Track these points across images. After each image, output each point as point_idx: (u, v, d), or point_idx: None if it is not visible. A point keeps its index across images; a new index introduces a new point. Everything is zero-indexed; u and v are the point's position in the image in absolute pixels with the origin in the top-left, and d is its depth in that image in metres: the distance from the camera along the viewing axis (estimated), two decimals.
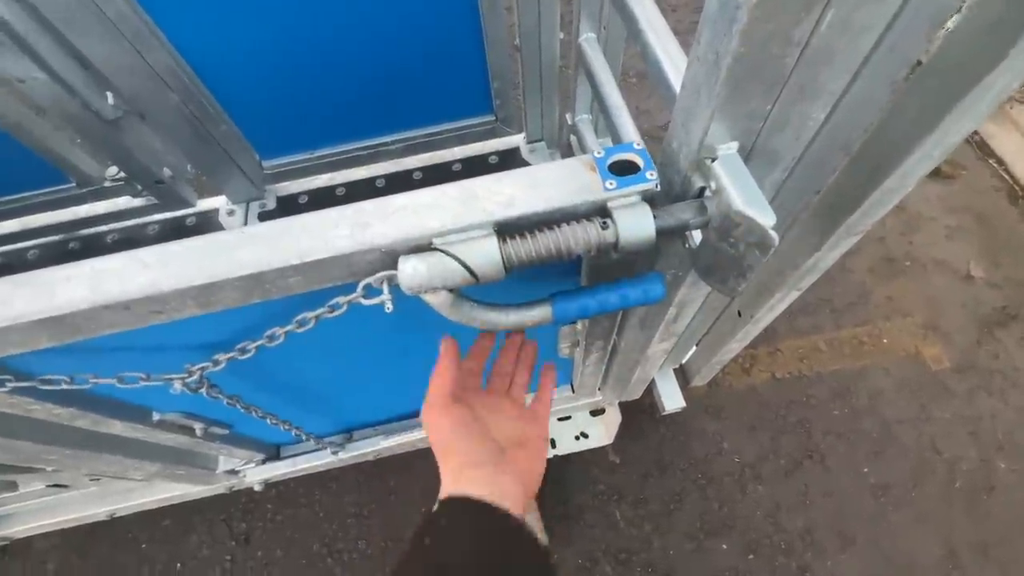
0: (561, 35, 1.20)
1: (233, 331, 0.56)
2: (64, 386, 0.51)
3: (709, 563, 1.32)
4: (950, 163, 1.81)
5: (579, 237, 0.43)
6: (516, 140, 1.44)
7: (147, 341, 0.56)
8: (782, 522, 1.35)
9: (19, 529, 1.18)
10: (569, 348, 0.91)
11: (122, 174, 1.29)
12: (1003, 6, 0.38)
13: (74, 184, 1.32)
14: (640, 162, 0.44)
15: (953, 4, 0.37)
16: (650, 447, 1.42)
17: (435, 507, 0.45)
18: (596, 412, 1.30)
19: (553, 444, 1.26)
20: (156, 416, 0.75)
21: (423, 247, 0.45)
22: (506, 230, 0.44)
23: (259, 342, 0.51)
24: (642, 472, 1.39)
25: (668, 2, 2.23)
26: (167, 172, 1.31)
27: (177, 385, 0.55)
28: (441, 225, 0.44)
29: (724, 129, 0.39)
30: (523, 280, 0.50)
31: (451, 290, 0.46)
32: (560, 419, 1.28)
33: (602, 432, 1.27)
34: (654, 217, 0.43)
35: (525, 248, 0.43)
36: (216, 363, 0.54)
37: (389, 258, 0.45)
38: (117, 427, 0.70)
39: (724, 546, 1.34)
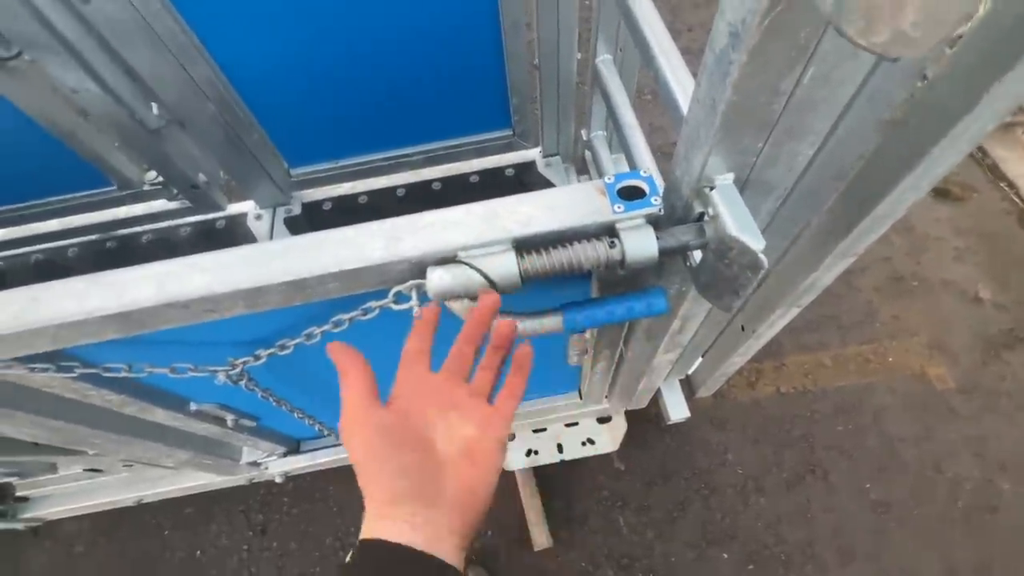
0: (579, 55, 1.25)
1: (272, 330, 0.61)
2: (123, 374, 0.57)
3: (710, 571, 1.35)
4: (961, 185, 1.83)
5: (589, 254, 0.48)
6: (532, 154, 1.49)
7: (196, 336, 0.62)
8: (783, 534, 1.37)
9: (53, 511, 1.25)
10: (578, 356, 0.95)
11: (160, 179, 1.37)
12: (976, 59, 0.42)
13: (115, 187, 1.40)
14: (646, 188, 0.49)
15: (923, 64, 0.41)
16: (655, 456, 1.45)
17: (350, 554, 0.37)
18: (603, 419, 1.34)
19: (560, 449, 1.30)
20: (193, 406, 0.81)
21: (448, 259, 0.50)
22: (523, 246, 0.49)
23: (297, 340, 0.57)
24: (646, 480, 1.43)
25: (684, 22, 2.29)
26: (202, 178, 1.38)
27: (221, 376, 0.60)
28: (465, 240, 0.49)
29: (721, 162, 0.43)
30: (539, 291, 0.54)
31: (472, 298, 0.51)
32: (567, 425, 1.32)
33: (608, 439, 1.31)
34: (657, 238, 0.47)
35: (540, 263, 0.48)
36: (257, 358, 0.59)
37: (418, 268, 0.50)
38: (159, 415, 0.76)
39: (725, 555, 1.36)
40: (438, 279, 0.48)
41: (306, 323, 0.57)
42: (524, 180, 1.47)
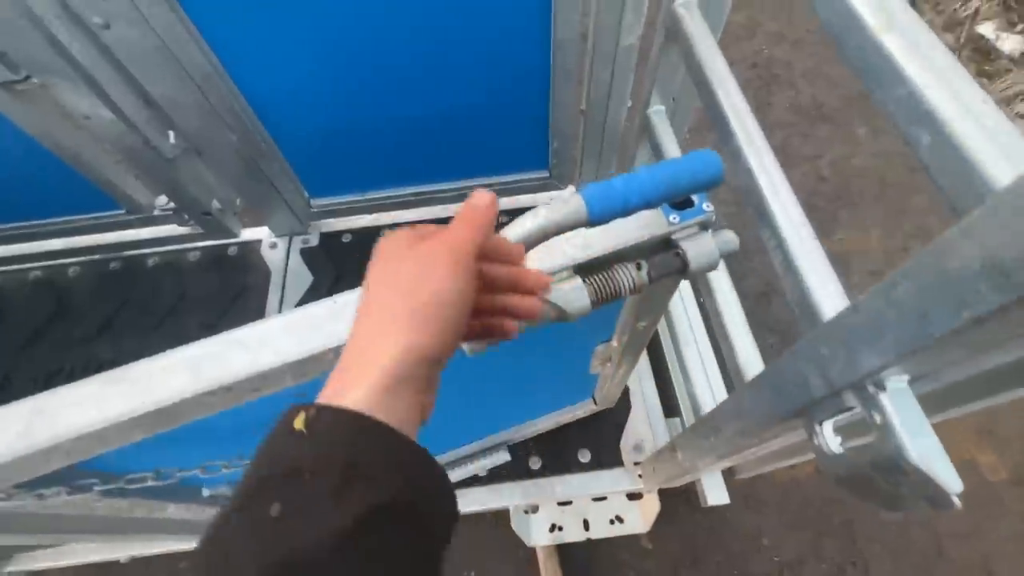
0: (629, 103, 1.17)
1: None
2: (150, 483, 0.48)
3: None
4: None
5: (659, 269, 0.46)
6: None
7: (216, 424, 0.52)
8: None
9: (39, 566, 1.15)
10: (600, 364, 0.90)
11: (172, 204, 1.28)
12: None
13: (123, 211, 1.31)
14: (695, 198, 0.48)
15: None
16: (685, 535, 1.35)
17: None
18: (633, 496, 1.25)
19: (586, 526, 1.20)
20: (206, 491, 0.72)
21: None
22: (585, 270, 0.47)
23: None
24: (674, 561, 1.33)
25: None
26: (216, 205, 1.29)
27: None
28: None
29: (903, 368, 0.34)
30: None
31: None
32: (595, 499, 1.22)
33: (638, 519, 1.21)
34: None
35: (607, 285, 0.46)
36: None
37: None
38: (170, 510, 0.67)
39: None
40: None
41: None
42: None
